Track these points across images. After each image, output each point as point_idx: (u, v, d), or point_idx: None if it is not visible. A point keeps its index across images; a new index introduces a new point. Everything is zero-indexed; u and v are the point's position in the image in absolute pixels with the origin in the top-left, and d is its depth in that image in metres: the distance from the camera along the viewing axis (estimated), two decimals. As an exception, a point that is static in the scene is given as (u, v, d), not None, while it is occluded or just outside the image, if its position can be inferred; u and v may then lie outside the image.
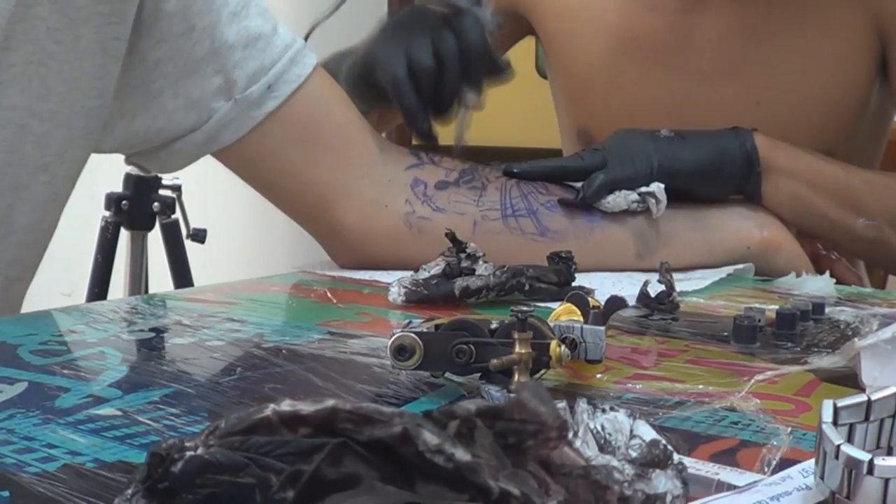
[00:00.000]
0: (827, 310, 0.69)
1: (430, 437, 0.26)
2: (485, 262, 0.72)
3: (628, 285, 0.77)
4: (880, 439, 0.35)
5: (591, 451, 0.30)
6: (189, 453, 0.26)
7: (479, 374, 0.48)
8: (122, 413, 0.44)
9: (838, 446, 0.31)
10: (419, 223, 0.83)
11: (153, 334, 0.62)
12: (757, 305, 0.66)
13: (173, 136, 0.79)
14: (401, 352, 0.46)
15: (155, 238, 1.99)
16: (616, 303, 0.56)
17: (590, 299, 0.55)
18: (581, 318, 0.51)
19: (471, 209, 0.83)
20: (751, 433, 0.43)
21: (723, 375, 0.52)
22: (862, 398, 0.34)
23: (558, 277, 0.71)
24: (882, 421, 0.35)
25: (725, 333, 0.61)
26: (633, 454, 0.31)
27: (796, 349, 0.59)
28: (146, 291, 1.93)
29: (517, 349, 0.45)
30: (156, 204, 1.95)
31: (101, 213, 1.95)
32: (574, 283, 0.71)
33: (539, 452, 0.28)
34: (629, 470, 0.29)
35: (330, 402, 0.26)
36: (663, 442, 0.32)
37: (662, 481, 0.30)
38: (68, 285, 2.08)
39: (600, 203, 0.84)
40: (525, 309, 0.46)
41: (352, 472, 0.26)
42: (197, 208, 2.02)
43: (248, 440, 0.26)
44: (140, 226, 1.96)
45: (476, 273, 0.71)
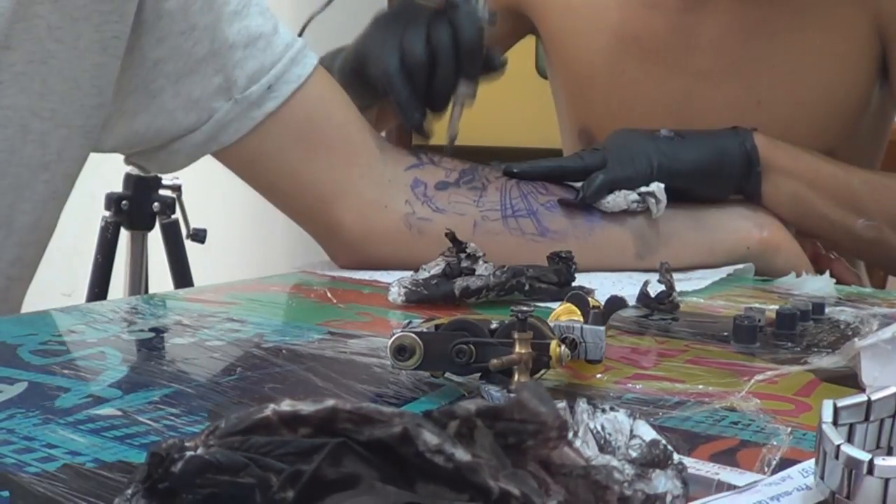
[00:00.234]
0: (827, 310, 0.69)
1: (430, 437, 0.26)
2: (485, 262, 0.72)
3: (628, 285, 0.77)
4: (880, 439, 0.35)
5: (591, 451, 0.30)
6: (189, 453, 0.26)
7: (479, 374, 0.48)
8: (122, 413, 0.44)
9: (838, 446, 0.31)
10: (419, 224, 0.83)
11: (153, 334, 0.62)
12: (757, 305, 0.66)
13: (173, 135, 0.79)
14: (401, 352, 0.46)
15: (155, 238, 1.99)
16: (616, 303, 0.56)
17: (590, 299, 0.55)
18: (581, 318, 0.51)
19: (471, 210, 0.83)
20: (751, 433, 0.43)
21: (723, 375, 0.52)
22: (862, 398, 0.34)
23: (558, 277, 0.71)
24: (882, 421, 0.35)
25: (725, 333, 0.61)
26: (633, 454, 0.31)
27: (796, 349, 0.59)
28: (146, 291, 1.93)
29: (517, 349, 0.45)
30: (156, 204, 1.95)
31: (101, 213, 1.95)
32: (574, 283, 0.71)
33: (539, 452, 0.28)
34: (629, 470, 0.29)
35: (330, 402, 0.26)
36: (663, 442, 0.32)
37: (662, 481, 0.30)
38: (68, 285, 2.08)
39: (600, 203, 0.84)
40: (525, 309, 0.46)
41: (352, 472, 0.26)
42: (197, 208, 2.02)
43: (248, 440, 0.26)
44: (140, 226, 1.96)
45: (476, 273, 0.71)
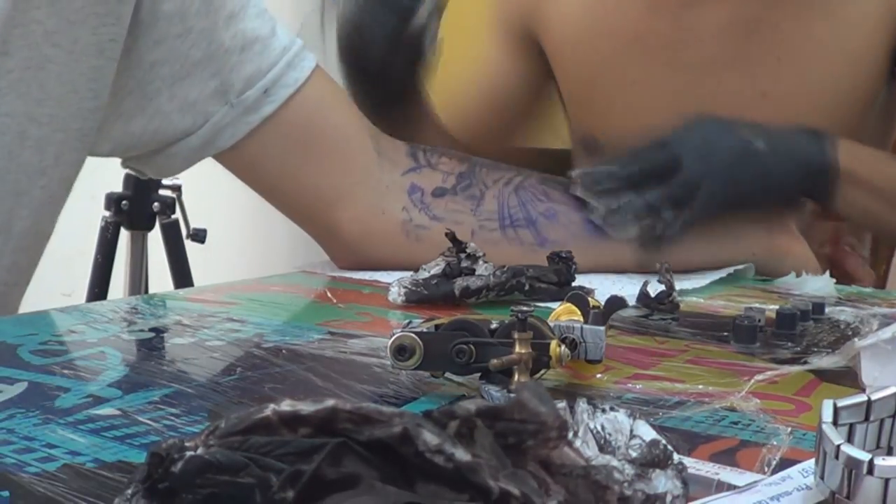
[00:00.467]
0: (827, 310, 0.69)
1: (430, 437, 0.26)
2: (485, 262, 0.72)
3: (628, 285, 0.77)
4: (880, 439, 0.35)
5: (591, 451, 0.30)
6: (189, 453, 0.26)
7: (479, 374, 0.48)
8: (121, 413, 0.44)
9: (838, 446, 0.31)
10: (417, 231, 0.83)
11: (153, 334, 0.62)
12: (757, 305, 0.66)
13: (169, 139, 0.79)
14: (401, 352, 0.46)
15: (155, 238, 1.99)
16: (616, 303, 0.56)
17: (590, 299, 0.55)
18: (581, 318, 0.51)
19: (468, 219, 0.83)
20: (751, 433, 0.43)
21: (723, 375, 0.52)
22: (862, 398, 0.34)
23: (558, 277, 0.71)
24: (882, 421, 0.35)
25: (725, 333, 0.61)
26: (633, 454, 0.31)
27: (796, 349, 0.58)
28: (146, 291, 1.93)
29: (517, 349, 0.45)
30: (156, 204, 1.94)
31: (101, 213, 1.95)
32: (574, 283, 0.71)
33: (539, 452, 0.28)
34: (629, 470, 0.29)
35: (330, 402, 0.26)
36: (663, 442, 0.32)
37: (662, 481, 0.30)
38: (68, 285, 2.08)
39: (612, 228, 0.83)
40: (525, 309, 0.46)
41: (352, 472, 0.26)
42: (197, 208, 2.01)
43: (248, 440, 0.26)
44: (140, 226, 1.96)
45: (476, 273, 0.71)
